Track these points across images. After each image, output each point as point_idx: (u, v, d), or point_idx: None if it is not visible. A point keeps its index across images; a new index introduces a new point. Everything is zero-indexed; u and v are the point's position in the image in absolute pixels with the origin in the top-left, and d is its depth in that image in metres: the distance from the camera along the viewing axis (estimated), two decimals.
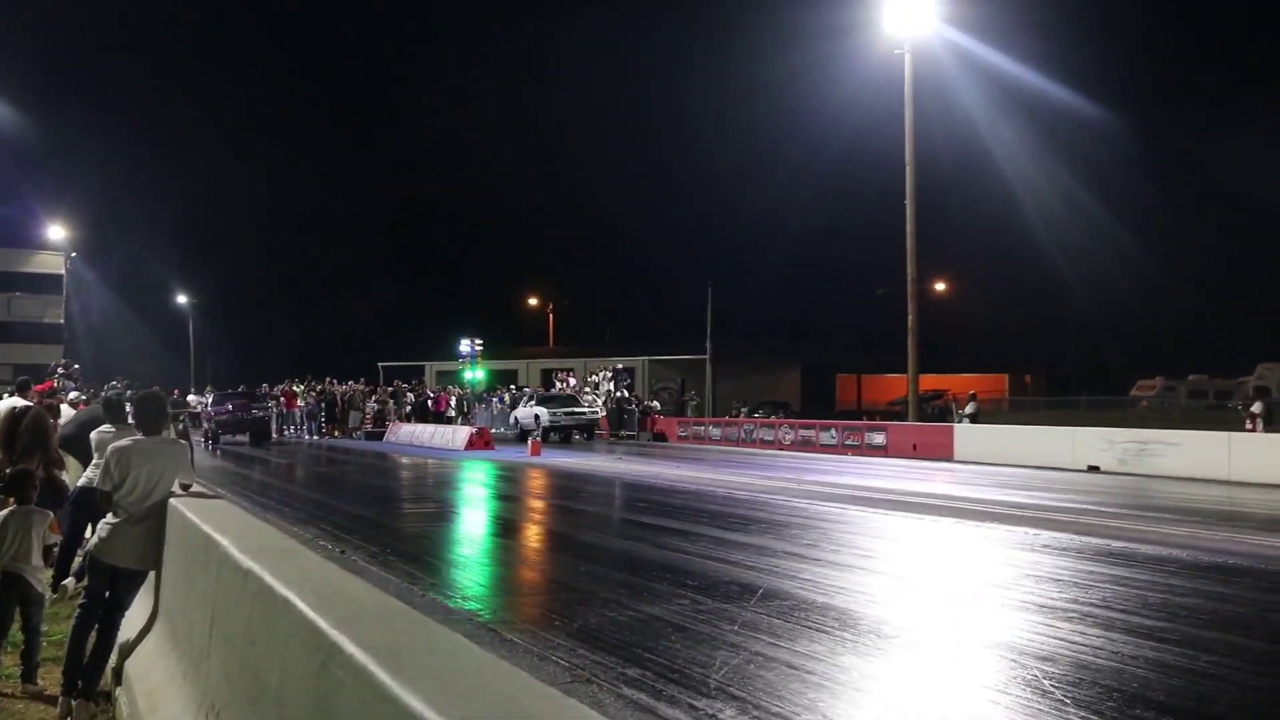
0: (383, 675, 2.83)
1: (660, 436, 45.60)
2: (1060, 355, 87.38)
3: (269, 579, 4.26)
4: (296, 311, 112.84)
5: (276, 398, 48.13)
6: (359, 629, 3.30)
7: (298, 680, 3.62)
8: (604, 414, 47.45)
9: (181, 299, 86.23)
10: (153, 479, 6.97)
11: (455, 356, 58.75)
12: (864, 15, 36.45)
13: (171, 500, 7.03)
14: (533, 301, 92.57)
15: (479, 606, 9.89)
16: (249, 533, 5.69)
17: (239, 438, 42.94)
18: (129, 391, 35.97)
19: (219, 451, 37.86)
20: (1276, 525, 15.40)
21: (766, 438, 39.30)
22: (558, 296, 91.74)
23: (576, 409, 45.51)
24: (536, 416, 44.26)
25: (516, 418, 46.69)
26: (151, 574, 7.25)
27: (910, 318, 36.54)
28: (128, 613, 7.33)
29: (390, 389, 53.91)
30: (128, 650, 7.06)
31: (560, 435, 43.33)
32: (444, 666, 2.91)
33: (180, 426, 23.13)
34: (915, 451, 32.62)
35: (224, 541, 5.26)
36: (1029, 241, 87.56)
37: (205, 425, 42.30)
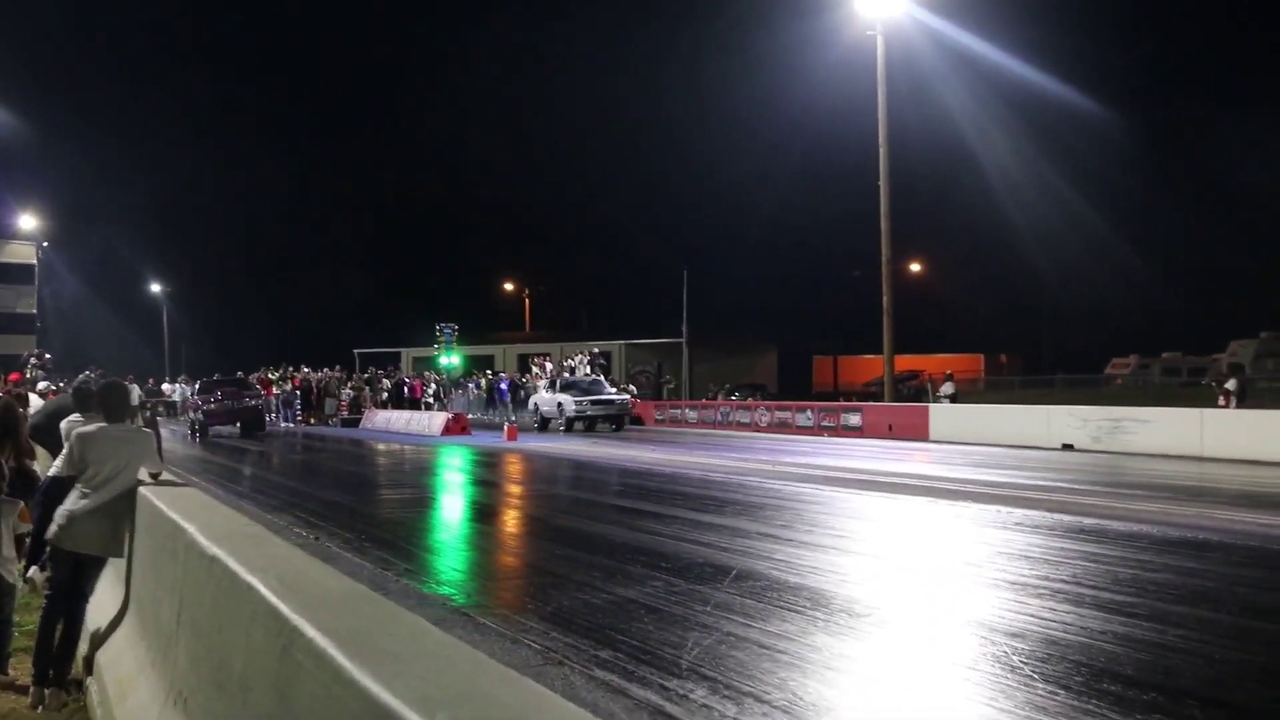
0: (341, 658, 2.84)
1: (637, 420, 45.61)
2: (1036, 335, 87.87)
3: (233, 565, 4.27)
4: (271, 299, 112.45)
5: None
6: (320, 613, 3.31)
7: (261, 665, 3.63)
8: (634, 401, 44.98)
9: (155, 288, 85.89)
10: (116, 466, 6.98)
11: (431, 342, 58.63)
12: None
13: (141, 489, 7.03)
14: (509, 287, 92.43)
15: (453, 591, 9.89)
16: (216, 520, 5.69)
17: (229, 429, 40.31)
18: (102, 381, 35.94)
19: (198, 439, 37.14)
20: (1246, 500, 15.52)
21: (743, 420, 39.37)
22: (534, 282, 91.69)
23: (604, 396, 40.62)
24: (560, 405, 39.76)
25: (536, 404, 42.32)
26: (123, 563, 7.24)
27: (885, 299, 36.63)
28: (100, 602, 7.32)
29: (366, 375, 53.76)
30: (99, 639, 7.05)
31: (585, 425, 38.90)
32: (404, 649, 2.92)
33: (147, 414, 23.05)
34: (891, 432, 32.73)
35: (190, 528, 5.26)
36: (1004, 222, 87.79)
37: (192, 416, 40.26)
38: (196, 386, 43.57)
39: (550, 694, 2.62)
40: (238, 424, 40.17)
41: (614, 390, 42.43)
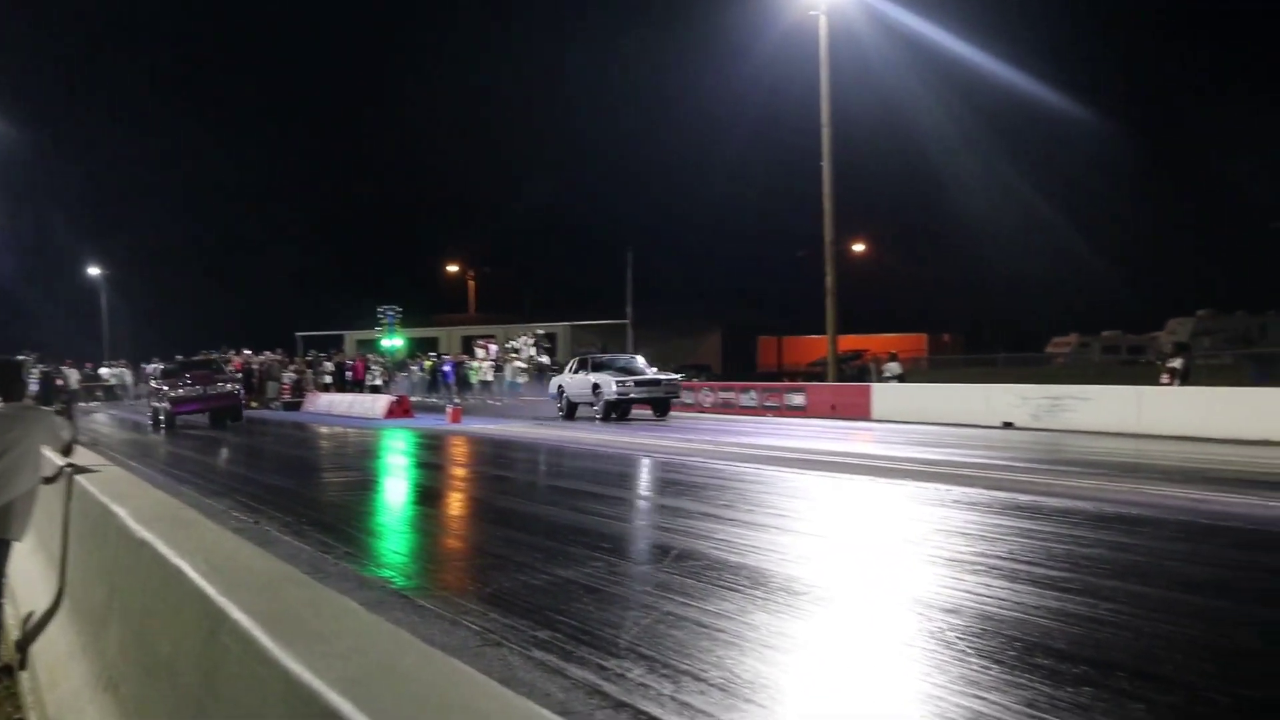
0: (265, 640, 2.84)
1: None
2: (979, 314, 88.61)
3: (162, 548, 4.24)
4: (211, 281, 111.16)
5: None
6: (246, 596, 3.30)
7: (189, 649, 3.61)
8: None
9: (94, 270, 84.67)
10: (11, 445, 6.90)
11: (374, 325, 58.29)
12: None
13: (76, 476, 6.96)
14: (453, 269, 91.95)
15: (392, 574, 9.86)
16: (147, 503, 5.64)
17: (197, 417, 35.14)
18: (38, 366, 35.24)
19: (163, 430, 32.95)
20: (1180, 476, 15.76)
21: (687, 400, 39.43)
22: (478, 264, 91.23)
23: (650, 375, 34.11)
24: (596, 387, 33.07)
25: (561, 388, 35.54)
26: (58, 549, 7.17)
27: (829, 279, 36.82)
28: (34, 587, 7.24)
29: (308, 358, 53.37)
30: (32, 625, 6.98)
31: (619, 414, 32.73)
32: (328, 630, 2.92)
33: (65, 399, 22.53)
34: (834, 411, 32.91)
35: (121, 512, 5.22)
36: (949, 204, 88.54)
37: (155, 404, 34.87)
38: (158, 370, 38.16)
39: (473, 672, 2.62)
40: (208, 413, 34.87)
41: (654, 369, 35.44)
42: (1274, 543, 10.74)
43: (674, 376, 35.05)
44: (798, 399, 35.14)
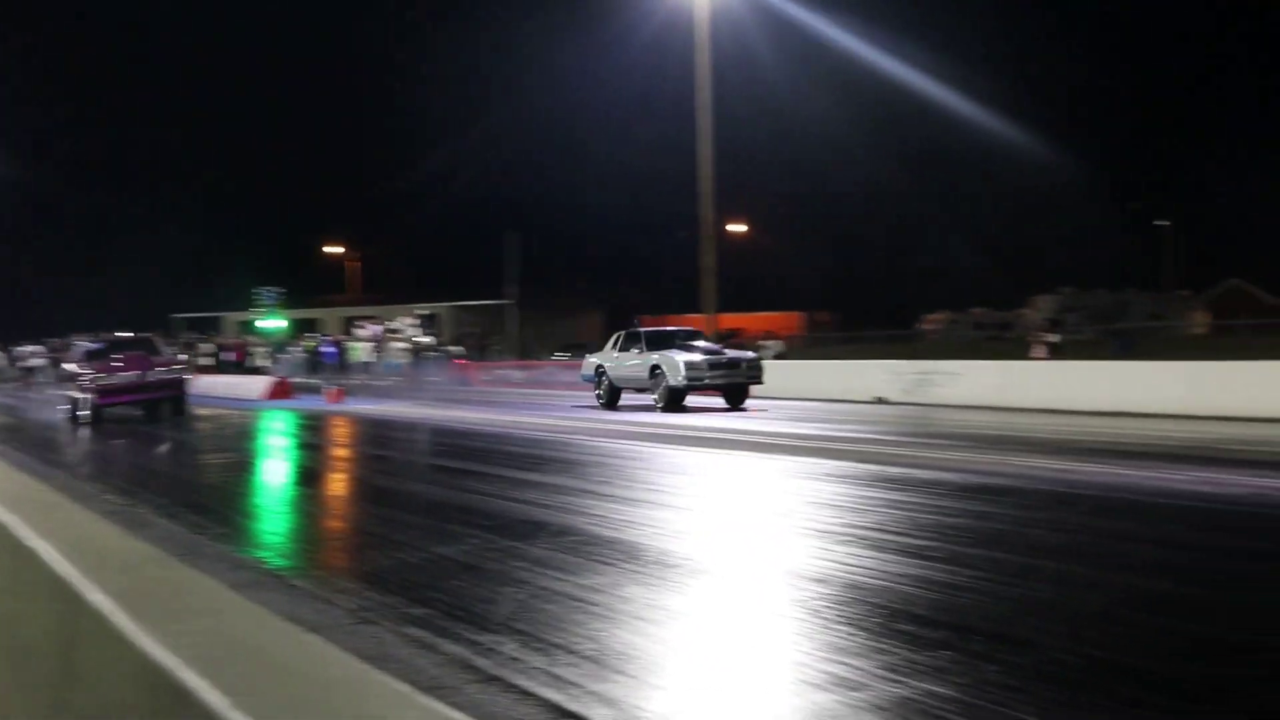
0: (122, 620, 2.81)
1: (464, 381, 45.33)
2: (854, 293, 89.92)
3: (21, 530, 4.16)
4: (79, 260, 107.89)
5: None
6: (106, 577, 3.26)
7: (47, 630, 3.55)
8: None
9: None
10: None
11: (252, 306, 57.30)
12: None
13: None
14: (334, 250, 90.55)
15: (268, 554, 9.73)
16: (10, 486, 5.53)
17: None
18: None
19: (88, 425, 26.50)
20: (1044, 447, 16.17)
21: (566, 379, 39.43)
22: (361, 245, 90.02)
23: (729, 354, 26.83)
24: (656, 369, 25.31)
25: (600, 370, 28.03)
26: None
27: (707, 259, 37.08)
28: None
29: (185, 340, 52.29)
30: None
31: (673, 401, 25.15)
32: (186, 609, 2.90)
33: None
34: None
35: None
36: (827, 186, 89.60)
37: (77, 395, 27.26)
38: (80, 352, 29.55)
39: (333, 647, 2.63)
40: (144, 405, 28.34)
41: (733, 349, 28.38)
42: (1127, 509, 11.10)
43: (753, 355, 27.38)
44: None
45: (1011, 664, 5.68)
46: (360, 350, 49.65)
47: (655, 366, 25.48)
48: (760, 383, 26.39)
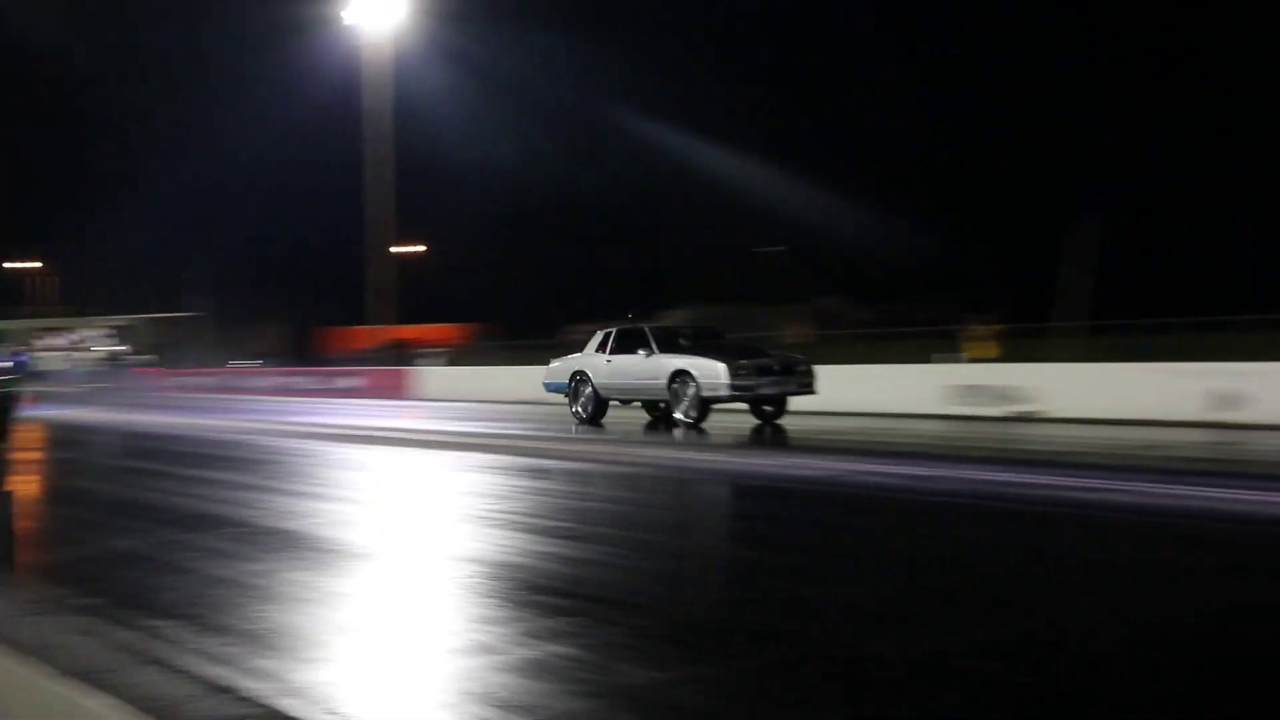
0: None
1: (154, 388, 43.52)
2: (517, 306, 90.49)
3: None
4: None
5: None
6: None
7: None
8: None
9: None
10: None
11: None
12: None
13: None
14: (22, 265, 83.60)
15: None
16: None
17: None
18: None
19: None
20: (667, 440, 16.87)
21: (252, 385, 38.61)
22: (52, 256, 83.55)
23: (779, 361, 19.30)
24: (680, 375, 18.56)
25: (583, 375, 20.82)
26: None
27: (376, 274, 37.12)
28: None
29: None
30: None
31: (694, 415, 18.43)
32: None
33: None
34: (384, 392, 33.01)
35: None
36: (500, 207, 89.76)
37: None
38: None
39: None
40: None
41: (779, 356, 20.06)
42: (741, 493, 11.77)
43: (803, 358, 19.97)
44: (351, 382, 34.96)
45: (631, 626, 5.93)
46: (51, 359, 47.20)
47: (680, 372, 18.64)
48: (814, 391, 19.28)
